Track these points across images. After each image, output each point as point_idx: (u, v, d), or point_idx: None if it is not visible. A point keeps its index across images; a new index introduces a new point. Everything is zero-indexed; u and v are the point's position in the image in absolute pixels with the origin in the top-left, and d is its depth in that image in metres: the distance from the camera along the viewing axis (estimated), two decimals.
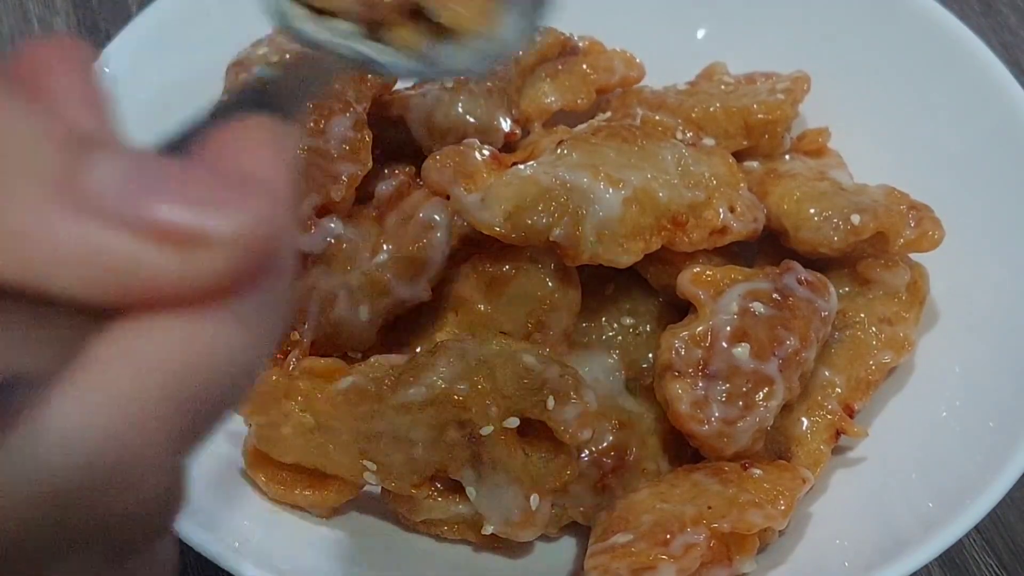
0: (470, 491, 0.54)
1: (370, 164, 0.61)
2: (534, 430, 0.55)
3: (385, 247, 0.59)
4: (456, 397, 0.53)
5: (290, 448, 0.56)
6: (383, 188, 0.61)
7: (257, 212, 0.24)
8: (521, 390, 0.54)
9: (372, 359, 0.57)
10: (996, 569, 0.63)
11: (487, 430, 0.53)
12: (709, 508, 0.53)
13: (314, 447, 0.56)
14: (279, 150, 0.26)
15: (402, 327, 0.61)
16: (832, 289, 0.60)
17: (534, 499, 0.54)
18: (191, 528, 0.51)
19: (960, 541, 0.56)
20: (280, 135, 0.26)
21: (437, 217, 0.59)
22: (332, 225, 0.59)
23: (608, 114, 0.70)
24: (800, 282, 0.59)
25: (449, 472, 0.54)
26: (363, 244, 0.59)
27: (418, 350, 0.57)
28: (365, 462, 0.55)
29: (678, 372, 0.56)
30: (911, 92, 0.71)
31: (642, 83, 0.72)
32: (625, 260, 0.58)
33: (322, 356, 0.59)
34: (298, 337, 0.59)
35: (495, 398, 0.53)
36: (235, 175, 0.25)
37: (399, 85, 0.67)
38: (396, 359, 0.57)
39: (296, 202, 0.26)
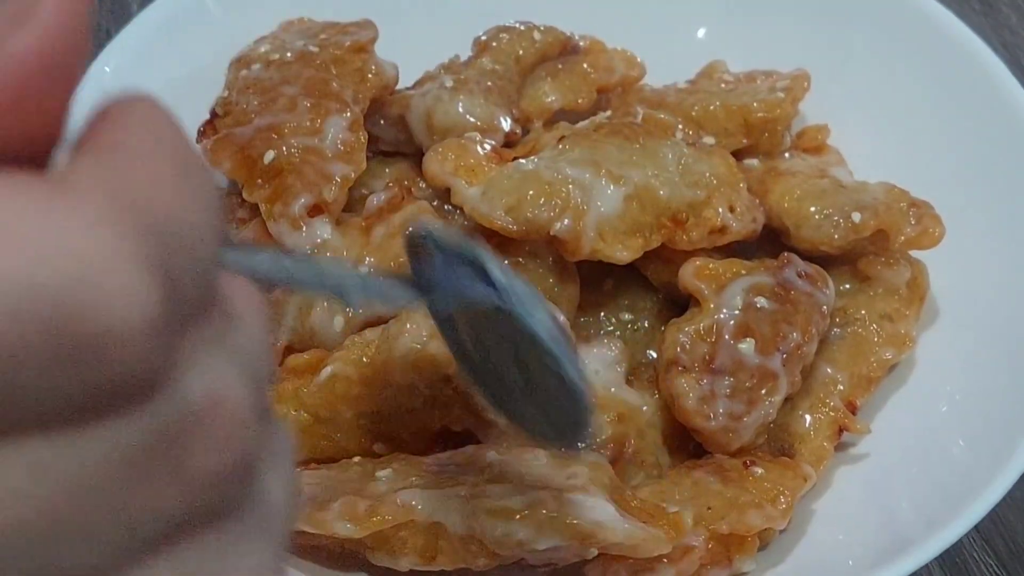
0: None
1: (364, 166, 0.61)
2: None
3: (368, 260, 0.58)
4: (433, 354, 0.53)
5: (298, 447, 0.55)
6: (374, 200, 0.60)
7: None
8: None
9: (347, 340, 0.56)
10: (996, 569, 0.63)
11: None
12: (708, 509, 0.53)
13: (320, 439, 0.55)
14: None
15: None
16: (830, 282, 0.60)
17: None
18: None
19: (960, 541, 0.55)
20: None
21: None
22: (320, 230, 0.59)
23: (608, 112, 0.70)
24: (800, 275, 0.58)
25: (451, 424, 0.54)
26: (347, 253, 0.58)
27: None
28: (376, 445, 0.55)
29: (684, 367, 0.56)
30: (911, 90, 0.71)
31: (642, 82, 0.72)
32: (624, 256, 0.58)
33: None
34: (272, 341, 0.59)
35: None
36: None
37: (399, 85, 0.67)
38: (370, 334, 0.56)
39: None
